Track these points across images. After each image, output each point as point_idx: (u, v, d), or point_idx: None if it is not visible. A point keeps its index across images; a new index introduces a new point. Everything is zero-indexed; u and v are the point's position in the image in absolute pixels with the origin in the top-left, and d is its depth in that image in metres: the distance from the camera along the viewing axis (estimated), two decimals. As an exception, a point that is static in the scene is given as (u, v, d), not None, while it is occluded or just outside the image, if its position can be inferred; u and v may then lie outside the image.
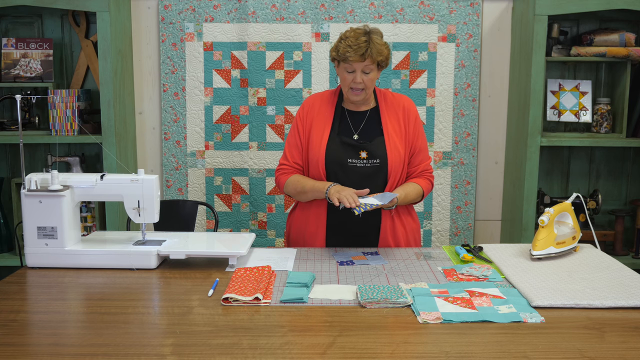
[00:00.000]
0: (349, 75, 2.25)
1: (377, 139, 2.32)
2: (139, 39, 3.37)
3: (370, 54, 2.19)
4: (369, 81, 2.26)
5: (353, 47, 2.18)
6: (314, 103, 2.41)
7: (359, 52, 2.18)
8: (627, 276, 1.91)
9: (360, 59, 2.20)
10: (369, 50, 2.19)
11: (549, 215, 2.08)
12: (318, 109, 2.39)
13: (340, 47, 2.23)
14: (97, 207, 3.27)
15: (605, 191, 3.41)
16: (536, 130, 3.05)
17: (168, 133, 3.41)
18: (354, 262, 2.11)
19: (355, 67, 2.22)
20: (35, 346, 1.49)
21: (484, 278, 1.92)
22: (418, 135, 2.38)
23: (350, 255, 2.20)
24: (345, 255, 2.20)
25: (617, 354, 1.42)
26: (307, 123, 2.37)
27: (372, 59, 2.21)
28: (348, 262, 2.10)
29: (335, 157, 2.30)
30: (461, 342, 1.48)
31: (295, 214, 2.44)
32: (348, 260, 2.13)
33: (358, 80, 2.23)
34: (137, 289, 1.87)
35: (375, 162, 2.29)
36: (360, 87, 2.25)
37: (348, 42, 2.20)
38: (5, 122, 3.24)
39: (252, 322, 1.60)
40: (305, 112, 2.40)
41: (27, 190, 2.02)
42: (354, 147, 2.31)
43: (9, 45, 3.24)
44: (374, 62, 2.23)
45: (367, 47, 2.18)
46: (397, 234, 2.35)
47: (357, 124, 2.36)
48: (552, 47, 3.12)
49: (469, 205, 3.44)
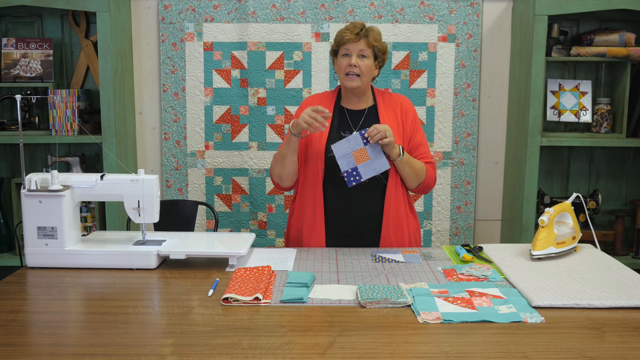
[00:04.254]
0: (344, 59, 2.30)
1: None
2: (139, 39, 3.37)
3: (365, 34, 2.28)
4: (365, 67, 2.28)
5: (349, 28, 2.30)
6: (314, 101, 2.41)
7: (354, 32, 2.27)
8: (627, 276, 1.91)
9: (356, 38, 2.27)
10: (364, 30, 2.28)
11: (549, 215, 2.08)
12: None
13: (338, 33, 2.33)
14: (97, 207, 3.27)
15: (605, 191, 3.41)
16: (536, 130, 3.05)
17: (168, 133, 3.41)
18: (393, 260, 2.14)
19: (351, 50, 2.28)
20: (35, 346, 1.49)
21: (484, 278, 1.92)
22: (416, 131, 2.39)
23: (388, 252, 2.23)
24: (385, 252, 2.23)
25: (617, 354, 1.42)
26: None
27: (367, 41, 2.28)
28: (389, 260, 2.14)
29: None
30: (461, 342, 1.48)
31: (295, 214, 2.44)
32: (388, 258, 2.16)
33: (353, 63, 2.27)
34: (137, 289, 1.87)
35: None
36: (355, 71, 2.27)
37: (346, 27, 2.32)
38: (5, 122, 3.24)
39: (252, 322, 1.60)
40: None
41: (27, 190, 2.02)
42: None
43: (9, 45, 3.24)
44: (370, 46, 2.28)
45: (362, 27, 2.29)
46: (398, 233, 2.35)
47: (356, 121, 2.37)
48: (552, 47, 3.12)
49: (469, 205, 3.44)
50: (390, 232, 2.34)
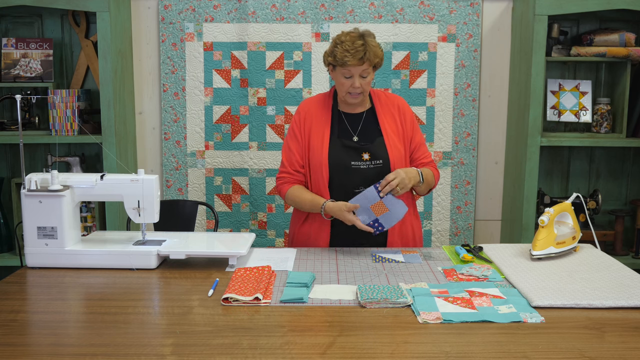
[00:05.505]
0: (346, 80, 2.25)
1: (377, 140, 2.32)
2: (139, 39, 3.37)
3: (368, 57, 2.20)
4: (367, 84, 2.27)
5: (351, 52, 2.18)
6: (310, 108, 2.39)
7: (357, 57, 2.19)
8: (627, 276, 1.91)
9: (358, 62, 2.20)
10: (367, 54, 2.20)
11: (549, 215, 2.08)
12: (315, 113, 2.37)
13: (337, 52, 2.21)
14: (97, 207, 3.27)
15: (605, 191, 3.41)
16: (536, 130, 3.05)
17: (168, 133, 3.41)
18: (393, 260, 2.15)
19: (353, 72, 2.22)
20: (35, 346, 1.49)
21: (484, 278, 1.92)
22: (415, 132, 2.39)
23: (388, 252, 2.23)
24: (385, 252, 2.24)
25: (617, 354, 1.42)
26: (306, 128, 2.35)
27: (369, 62, 2.22)
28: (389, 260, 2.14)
29: (338, 161, 2.29)
30: (461, 342, 1.48)
31: (298, 214, 2.43)
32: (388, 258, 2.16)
33: (357, 85, 2.24)
34: (137, 289, 1.87)
35: (378, 163, 2.29)
36: (358, 91, 2.26)
37: (345, 46, 2.19)
38: (5, 122, 3.24)
39: (252, 322, 1.60)
40: (302, 117, 2.37)
41: (27, 190, 2.02)
42: (356, 150, 2.30)
43: (9, 45, 3.24)
44: (371, 64, 2.24)
45: (364, 50, 2.19)
46: (403, 235, 2.36)
47: (354, 125, 2.36)
48: (552, 47, 3.12)
49: (469, 205, 3.44)
50: (396, 235, 2.34)
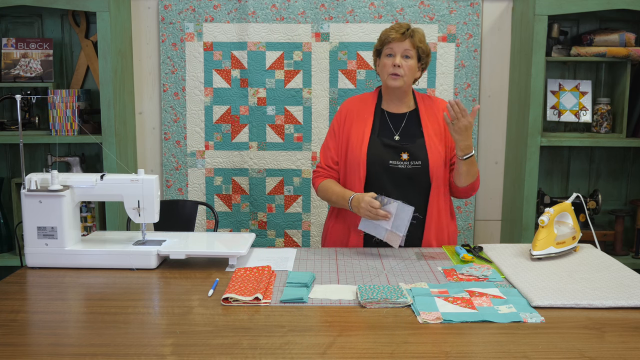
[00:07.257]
0: (388, 59, 2.29)
1: (418, 141, 2.31)
2: (139, 39, 3.37)
3: (411, 34, 2.28)
4: (408, 68, 2.28)
5: (395, 28, 2.29)
6: (352, 106, 2.41)
7: (400, 31, 2.27)
8: (627, 276, 1.91)
9: (401, 37, 2.26)
10: (409, 30, 2.28)
11: (549, 215, 2.08)
12: (357, 111, 2.39)
13: (382, 33, 2.33)
14: (97, 207, 3.27)
15: (605, 191, 3.41)
16: (536, 130, 3.04)
17: (168, 133, 3.41)
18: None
19: (395, 50, 2.27)
20: (35, 346, 1.49)
21: (484, 278, 1.92)
22: None
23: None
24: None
25: (617, 354, 1.42)
26: (346, 126, 2.37)
27: (412, 41, 2.28)
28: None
29: (377, 159, 2.29)
30: (461, 342, 1.48)
31: (335, 216, 2.44)
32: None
33: (397, 63, 2.26)
34: (137, 289, 1.87)
35: (417, 163, 2.28)
36: (399, 72, 2.27)
37: (390, 27, 2.32)
38: (5, 122, 3.24)
39: (252, 322, 1.60)
40: (343, 115, 2.40)
41: (27, 190, 2.02)
42: (395, 149, 2.30)
43: (9, 45, 3.24)
44: (414, 46, 2.28)
45: (408, 28, 2.29)
46: (439, 237, 2.35)
47: (397, 125, 2.35)
48: (552, 47, 3.12)
49: (469, 205, 3.44)
50: (432, 236, 2.33)
